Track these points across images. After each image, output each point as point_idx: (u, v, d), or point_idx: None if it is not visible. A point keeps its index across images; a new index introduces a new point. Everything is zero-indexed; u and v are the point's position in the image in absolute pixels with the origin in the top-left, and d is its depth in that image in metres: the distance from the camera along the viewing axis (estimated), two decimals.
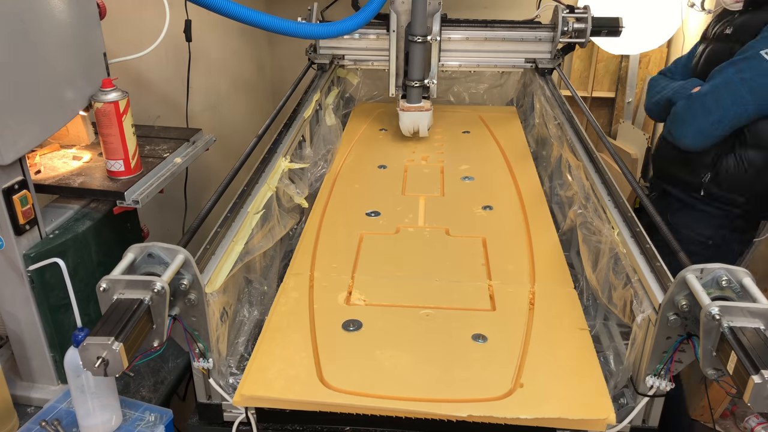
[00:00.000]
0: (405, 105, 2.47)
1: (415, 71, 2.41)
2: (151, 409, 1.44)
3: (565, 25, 2.60)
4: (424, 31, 2.32)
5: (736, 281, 1.13)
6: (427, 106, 2.46)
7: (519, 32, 2.69)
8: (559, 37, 2.63)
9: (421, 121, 2.46)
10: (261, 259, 1.61)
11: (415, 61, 2.38)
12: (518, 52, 2.71)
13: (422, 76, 2.42)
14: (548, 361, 1.36)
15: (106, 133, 1.60)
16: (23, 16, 1.37)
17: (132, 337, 1.04)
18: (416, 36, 2.32)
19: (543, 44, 2.69)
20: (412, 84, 2.42)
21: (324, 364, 1.34)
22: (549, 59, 2.69)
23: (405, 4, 2.35)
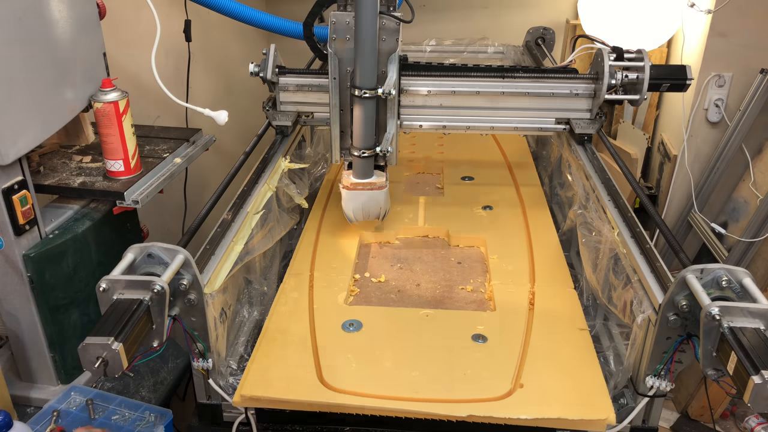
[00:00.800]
0: (349, 180, 1.76)
1: (360, 136, 1.69)
2: (150, 410, 1.44)
3: (612, 76, 1.85)
4: (372, 81, 1.61)
5: (736, 281, 1.13)
6: (380, 182, 1.75)
7: (548, 84, 1.92)
8: (604, 91, 1.86)
9: (371, 203, 1.77)
10: (261, 259, 1.61)
11: (361, 122, 1.67)
12: (547, 110, 1.96)
13: (372, 143, 1.71)
14: (548, 361, 1.36)
15: (106, 133, 1.60)
16: (23, 16, 1.37)
17: (132, 337, 1.04)
18: (361, 89, 1.61)
19: (580, 100, 1.94)
20: (358, 153, 1.71)
21: (324, 364, 1.34)
22: (588, 121, 1.95)
23: (350, 42, 1.65)
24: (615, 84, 1.87)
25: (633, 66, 1.87)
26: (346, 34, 1.64)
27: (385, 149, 1.71)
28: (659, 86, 1.90)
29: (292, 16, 2.46)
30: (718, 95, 2.94)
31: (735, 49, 2.84)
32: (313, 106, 2.00)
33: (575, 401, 1.25)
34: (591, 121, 1.95)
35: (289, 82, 1.96)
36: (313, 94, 1.97)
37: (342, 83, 1.71)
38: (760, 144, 2.88)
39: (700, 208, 3.02)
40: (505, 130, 1.99)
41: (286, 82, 1.96)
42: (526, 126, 2.00)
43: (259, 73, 1.93)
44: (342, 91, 1.72)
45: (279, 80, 1.96)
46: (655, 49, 3.30)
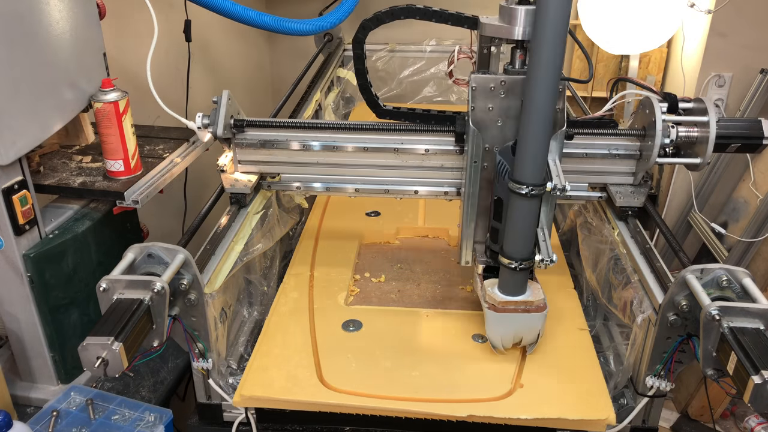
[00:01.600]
0: (499, 298, 1.36)
1: (517, 243, 1.31)
2: (150, 409, 1.44)
3: (666, 134, 1.43)
4: (541, 175, 1.22)
5: (736, 281, 1.13)
6: (539, 300, 1.36)
7: (580, 140, 1.51)
8: (655, 153, 1.43)
9: (529, 327, 1.37)
10: (261, 259, 1.61)
11: (520, 225, 1.28)
12: (578, 174, 1.56)
13: (531, 252, 1.31)
14: (548, 361, 1.36)
15: (106, 133, 1.60)
16: (23, 16, 1.37)
17: (132, 337, 1.04)
18: (525, 186, 1.22)
19: (622, 163, 1.53)
20: (513, 265, 1.32)
21: (324, 364, 1.34)
22: (632, 189, 1.54)
23: (493, 113, 1.32)
24: (669, 143, 1.45)
25: (694, 120, 1.45)
26: (489, 103, 1.32)
27: (548, 258, 1.27)
28: (727, 146, 1.46)
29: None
30: (718, 95, 2.94)
31: (735, 49, 2.84)
32: (281, 166, 1.59)
33: (575, 401, 1.25)
34: (635, 189, 1.54)
35: (249, 138, 1.56)
36: (280, 152, 1.56)
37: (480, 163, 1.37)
38: None
39: (700, 208, 3.02)
40: None
41: (244, 138, 1.56)
42: None
43: (207, 127, 1.54)
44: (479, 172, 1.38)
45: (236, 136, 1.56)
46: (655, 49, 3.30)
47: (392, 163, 1.55)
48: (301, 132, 1.56)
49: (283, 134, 1.56)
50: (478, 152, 1.36)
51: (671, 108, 1.49)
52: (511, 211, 1.28)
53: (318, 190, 1.61)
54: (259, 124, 1.56)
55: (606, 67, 3.75)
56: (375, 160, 1.55)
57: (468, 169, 1.37)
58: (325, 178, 1.60)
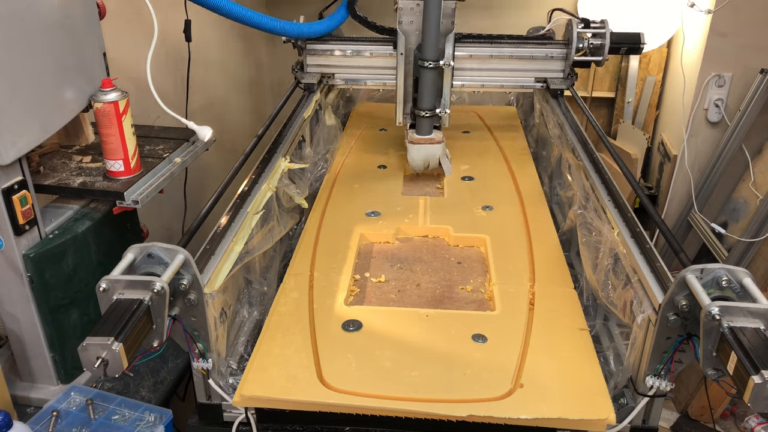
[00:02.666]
0: (414, 137, 2.15)
1: (425, 99, 2.09)
2: (150, 410, 1.44)
3: (580, 41, 2.30)
4: (435, 54, 2.01)
5: (736, 281, 1.13)
6: (438, 137, 2.16)
7: (528, 49, 2.39)
8: (573, 54, 2.33)
9: (433, 155, 2.16)
10: (261, 259, 1.61)
11: (426, 88, 2.07)
12: (528, 71, 2.42)
13: (433, 105, 2.10)
14: (548, 361, 1.36)
15: (106, 133, 1.60)
16: (23, 16, 1.37)
17: (132, 337, 1.04)
18: (427, 61, 2.01)
19: (555, 62, 2.40)
20: (423, 114, 2.10)
21: (324, 365, 1.34)
22: (562, 79, 2.40)
23: (414, 24, 2.06)
24: (582, 48, 2.32)
25: (597, 33, 2.32)
26: (411, 18, 2.06)
27: (444, 110, 2.11)
28: (618, 49, 2.33)
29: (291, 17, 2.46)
30: (718, 95, 2.95)
31: (735, 49, 2.84)
32: (334, 69, 2.47)
33: (575, 401, 1.25)
34: (564, 79, 2.41)
35: (315, 48, 2.43)
36: (333, 57, 2.45)
37: (406, 57, 2.11)
38: (760, 144, 2.88)
39: (700, 208, 3.03)
40: (493, 87, 2.49)
41: (312, 47, 2.43)
42: (511, 84, 2.46)
43: (290, 41, 2.39)
44: (406, 64, 2.12)
45: (306, 45, 2.42)
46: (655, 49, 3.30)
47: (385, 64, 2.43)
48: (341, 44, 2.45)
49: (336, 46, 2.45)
50: (403, 48, 2.10)
51: (585, 26, 2.32)
52: (421, 80, 2.08)
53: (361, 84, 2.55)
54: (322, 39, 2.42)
55: (606, 67, 3.75)
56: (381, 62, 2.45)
57: (398, 59, 2.11)
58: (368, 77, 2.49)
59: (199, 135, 1.84)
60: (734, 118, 2.88)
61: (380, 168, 2.32)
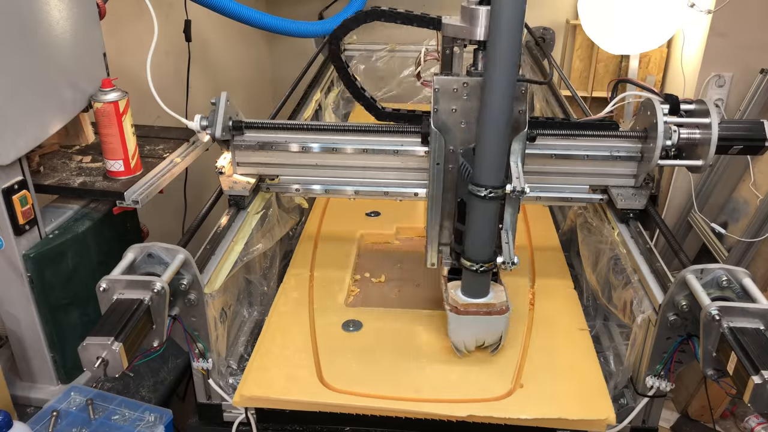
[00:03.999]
0: (460, 300, 1.36)
1: (478, 245, 1.30)
2: (150, 410, 1.44)
3: (668, 136, 1.42)
4: (500, 177, 1.23)
5: (736, 281, 1.13)
6: (501, 302, 1.35)
7: (581, 142, 1.51)
8: (657, 155, 1.43)
9: (492, 330, 1.36)
10: (261, 259, 1.61)
11: (480, 227, 1.29)
12: (579, 176, 1.55)
13: (492, 254, 1.31)
14: (548, 361, 1.36)
15: (106, 133, 1.60)
16: (23, 16, 1.37)
17: (132, 337, 1.04)
18: (484, 188, 1.23)
19: (623, 165, 1.52)
20: (475, 267, 1.31)
21: (324, 364, 1.34)
22: (633, 192, 1.53)
23: (457, 115, 1.31)
24: (670, 145, 1.45)
25: (695, 122, 1.44)
26: (453, 104, 1.31)
27: (510, 260, 1.28)
28: (729, 148, 1.45)
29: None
30: (718, 95, 2.94)
31: (735, 49, 2.84)
32: (280, 168, 1.58)
33: (575, 401, 1.25)
34: (636, 190, 1.53)
35: (248, 140, 1.55)
36: (279, 154, 1.55)
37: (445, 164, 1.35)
38: None
39: (700, 208, 3.02)
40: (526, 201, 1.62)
41: (243, 140, 1.55)
42: (550, 195, 1.58)
43: (206, 129, 1.52)
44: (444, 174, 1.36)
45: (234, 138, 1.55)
46: (655, 49, 3.30)
47: (391, 165, 1.53)
48: (299, 134, 1.54)
49: (281, 136, 1.55)
50: (440, 154, 1.34)
51: (673, 109, 1.46)
52: (471, 214, 1.28)
53: (317, 192, 1.60)
54: (258, 126, 1.55)
55: (606, 67, 3.75)
56: (374, 162, 1.53)
57: (431, 171, 1.36)
58: (325, 180, 1.58)
59: (199, 136, 1.84)
60: (734, 118, 2.88)
61: None
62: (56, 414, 1.41)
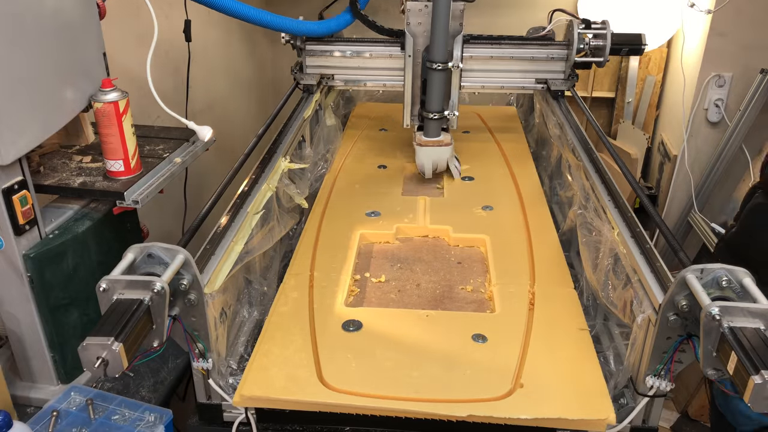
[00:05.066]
0: (422, 139, 2.15)
1: (433, 102, 2.10)
2: (150, 410, 1.44)
3: (581, 42, 2.27)
4: (444, 56, 2.01)
5: (736, 281, 1.13)
6: (447, 139, 2.16)
7: (529, 50, 2.37)
8: (574, 55, 2.29)
9: (441, 157, 2.16)
10: (261, 259, 1.61)
11: (434, 90, 2.08)
12: (528, 72, 2.39)
13: (441, 107, 2.11)
14: (548, 361, 1.36)
15: (106, 133, 1.60)
16: (23, 16, 1.37)
17: (132, 337, 1.04)
18: (436, 63, 2.01)
19: (556, 63, 2.36)
20: (431, 116, 2.11)
21: (324, 364, 1.34)
22: (563, 80, 2.37)
23: (422, 26, 2.07)
24: (583, 48, 2.29)
25: (598, 33, 2.28)
26: (419, 20, 2.08)
27: (452, 112, 2.13)
28: (620, 50, 2.29)
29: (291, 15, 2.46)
30: (718, 95, 2.95)
31: (735, 49, 2.84)
32: (333, 69, 2.45)
33: (575, 401, 1.25)
34: (564, 80, 2.37)
35: (314, 49, 2.42)
36: (333, 58, 2.42)
37: (414, 59, 2.13)
38: (760, 144, 2.88)
39: (700, 208, 3.03)
40: (493, 88, 2.43)
41: (311, 48, 2.41)
42: (511, 85, 2.42)
43: (289, 41, 2.37)
44: (414, 66, 2.14)
45: (306, 46, 2.40)
46: (656, 49, 3.30)
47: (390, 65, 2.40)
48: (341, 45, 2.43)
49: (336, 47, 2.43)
50: (410, 50, 2.14)
51: (586, 27, 2.29)
52: (429, 82, 2.09)
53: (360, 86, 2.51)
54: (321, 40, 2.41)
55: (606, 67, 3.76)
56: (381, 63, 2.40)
57: (405, 61, 2.17)
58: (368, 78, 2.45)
59: (199, 135, 1.84)
60: (734, 118, 2.88)
61: (380, 168, 2.32)
62: (56, 414, 1.41)
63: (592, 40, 2.29)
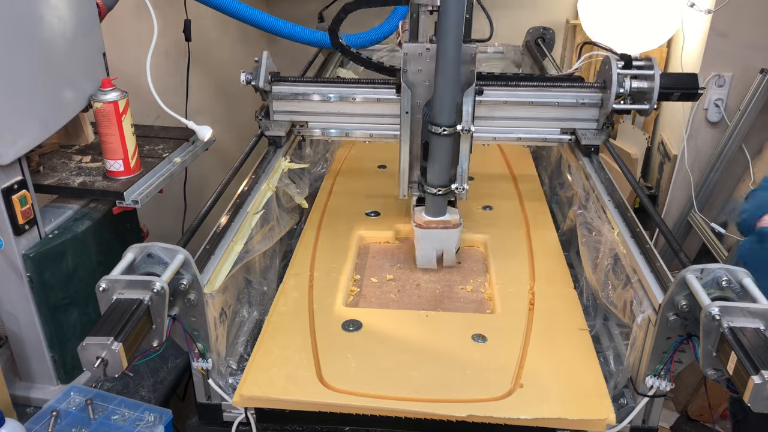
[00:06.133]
0: (423, 219, 1.70)
1: (437, 173, 1.64)
2: (150, 410, 1.44)
3: (620, 85, 1.79)
4: (451, 118, 1.55)
5: (736, 281, 1.13)
6: (454, 219, 1.70)
7: (554, 92, 1.88)
8: (612, 101, 1.80)
9: (447, 243, 1.70)
10: (261, 259, 1.61)
11: (438, 160, 1.62)
12: (551, 120, 1.92)
13: (448, 180, 1.65)
14: (548, 361, 1.36)
15: (106, 133, 1.60)
16: (23, 17, 1.37)
17: (131, 337, 1.04)
18: (440, 126, 1.55)
19: (588, 110, 1.89)
20: (434, 191, 1.66)
21: (324, 364, 1.33)
22: (596, 131, 1.89)
23: (423, 74, 1.60)
24: (623, 93, 1.81)
25: (642, 75, 1.80)
26: (419, 66, 1.60)
27: (461, 186, 1.65)
28: (670, 95, 1.82)
29: (292, 17, 2.46)
30: (718, 95, 2.94)
31: (735, 49, 2.83)
32: (307, 116, 1.96)
33: (575, 401, 1.25)
34: (598, 131, 1.89)
35: (282, 91, 1.92)
36: (307, 103, 1.94)
37: (412, 115, 1.65)
38: (760, 144, 2.88)
39: (700, 208, 3.02)
40: (507, 140, 1.95)
41: (279, 90, 1.92)
42: (530, 136, 1.95)
43: (251, 82, 1.91)
44: (412, 123, 1.66)
45: (272, 89, 1.92)
46: (655, 49, 3.30)
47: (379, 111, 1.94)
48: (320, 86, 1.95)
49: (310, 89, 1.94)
50: (408, 104, 1.64)
51: (626, 65, 1.83)
52: (432, 148, 1.62)
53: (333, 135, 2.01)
54: (291, 79, 1.94)
55: None
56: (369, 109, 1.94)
57: (402, 118, 1.66)
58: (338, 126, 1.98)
59: (198, 135, 1.84)
60: (734, 118, 2.88)
61: (380, 168, 2.32)
62: (56, 414, 1.41)
63: (635, 81, 1.82)
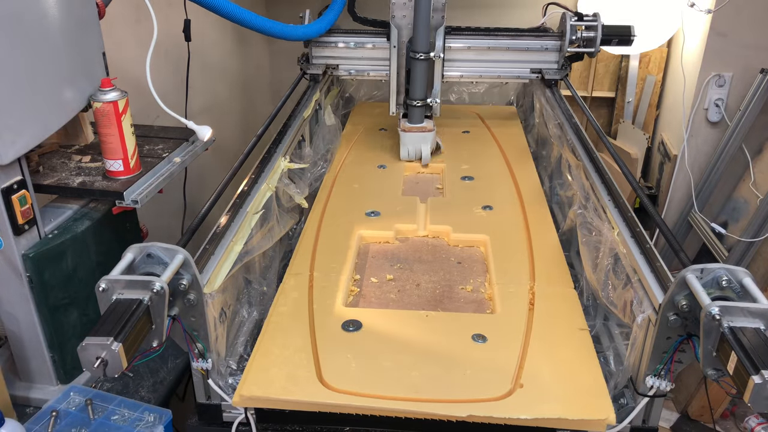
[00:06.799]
0: (406, 125, 2.33)
1: (417, 90, 2.28)
2: (150, 410, 1.44)
3: (573, 33, 2.44)
4: (426, 47, 2.19)
5: (736, 281, 1.13)
6: (429, 126, 2.32)
7: (524, 41, 2.53)
8: (567, 46, 2.46)
9: (424, 143, 2.32)
10: (260, 259, 1.61)
11: (417, 79, 2.26)
12: (523, 62, 2.55)
13: (425, 95, 2.29)
14: (548, 361, 1.35)
15: (105, 133, 1.60)
16: (23, 16, 1.36)
17: (131, 337, 1.04)
18: (418, 53, 2.19)
19: (550, 54, 2.53)
20: (414, 103, 2.30)
21: (324, 364, 1.33)
22: (556, 69, 2.53)
23: (406, 18, 2.24)
24: (576, 39, 2.46)
25: (589, 24, 2.45)
26: (403, 12, 2.25)
27: (434, 100, 2.31)
28: (610, 41, 2.46)
29: (292, 17, 2.46)
30: (718, 95, 2.94)
31: (735, 49, 2.84)
32: (338, 60, 2.60)
33: (575, 401, 1.25)
34: (558, 69, 2.53)
35: (319, 41, 2.55)
36: (339, 50, 2.58)
37: (399, 50, 2.29)
38: (760, 144, 2.88)
39: (700, 208, 3.02)
40: (490, 76, 2.61)
41: (317, 39, 2.54)
42: (507, 75, 2.59)
43: None
44: (399, 57, 2.30)
45: None
46: (656, 48, 3.30)
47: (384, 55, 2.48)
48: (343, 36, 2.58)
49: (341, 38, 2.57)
50: (395, 41, 2.29)
51: (579, 19, 2.45)
52: (412, 71, 2.27)
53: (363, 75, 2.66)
54: None
55: (606, 67, 3.75)
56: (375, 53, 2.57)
57: (390, 52, 2.32)
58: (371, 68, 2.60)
59: (198, 135, 1.84)
60: (734, 118, 2.88)
61: (380, 168, 2.32)
62: (55, 414, 1.41)
63: (584, 31, 2.45)
